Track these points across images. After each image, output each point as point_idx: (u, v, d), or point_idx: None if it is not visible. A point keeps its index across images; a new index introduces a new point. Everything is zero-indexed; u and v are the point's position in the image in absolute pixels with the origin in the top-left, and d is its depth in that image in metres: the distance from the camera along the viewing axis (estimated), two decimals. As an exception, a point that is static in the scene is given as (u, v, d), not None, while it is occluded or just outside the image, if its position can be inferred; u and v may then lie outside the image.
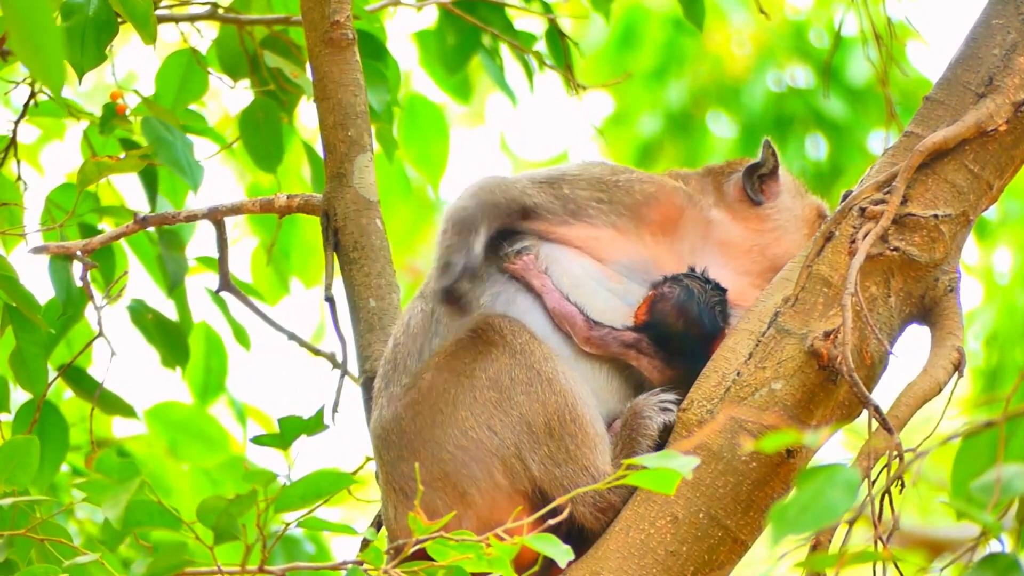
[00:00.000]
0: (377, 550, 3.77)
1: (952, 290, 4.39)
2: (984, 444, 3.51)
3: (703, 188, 4.87)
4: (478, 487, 4.40)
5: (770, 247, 4.82)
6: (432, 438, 4.43)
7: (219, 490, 6.48)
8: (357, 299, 5.01)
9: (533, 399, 4.41)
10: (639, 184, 4.76)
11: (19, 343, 5.05)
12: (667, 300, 4.55)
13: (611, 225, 4.68)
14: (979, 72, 4.40)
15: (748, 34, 11.24)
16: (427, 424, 4.44)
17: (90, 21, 5.13)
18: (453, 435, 4.42)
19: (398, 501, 4.46)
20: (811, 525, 3.22)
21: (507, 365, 4.44)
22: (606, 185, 4.73)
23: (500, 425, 4.41)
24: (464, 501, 4.40)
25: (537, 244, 4.65)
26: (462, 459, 4.40)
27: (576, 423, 4.42)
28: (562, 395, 4.43)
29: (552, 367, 4.44)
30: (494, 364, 4.44)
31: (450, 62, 6.23)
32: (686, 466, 3.60)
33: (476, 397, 4.43)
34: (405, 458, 4.45)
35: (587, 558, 4.35)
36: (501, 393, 4.42)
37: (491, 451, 4.40)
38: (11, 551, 4.25)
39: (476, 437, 4.41)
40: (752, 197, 4.84)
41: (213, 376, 6.46)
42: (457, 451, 4.41)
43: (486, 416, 4.42)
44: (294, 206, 5.13)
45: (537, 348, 4.46)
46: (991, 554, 3.40)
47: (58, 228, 5.28)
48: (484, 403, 4.42)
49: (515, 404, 4.41)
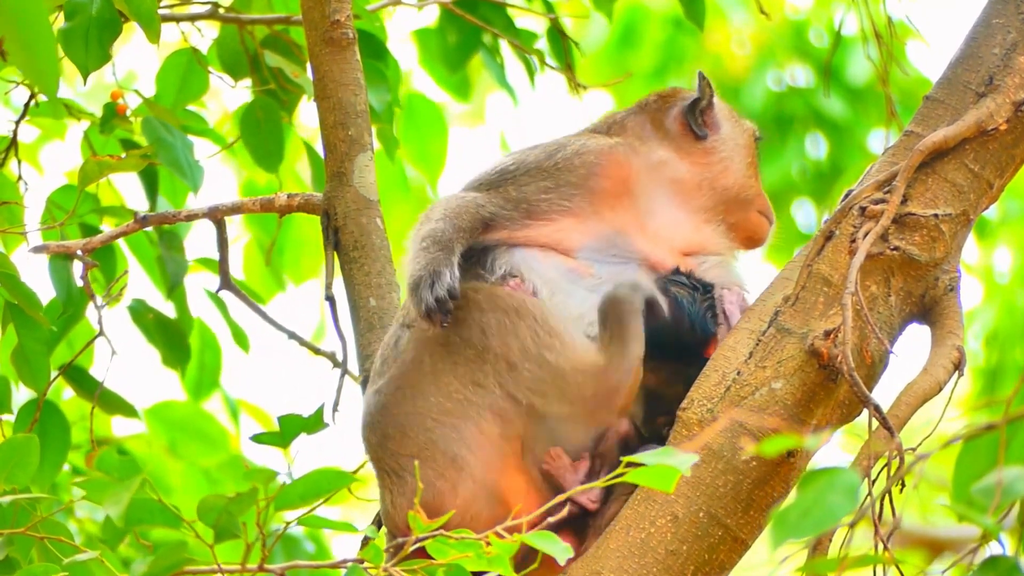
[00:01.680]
0: (377, 548, 3.77)
1: (952, 289, 4.39)
2: (985, 446, 3.50)
3: (641, 128, 4.85)
4: (468, 446, 4.39)
5: (719, 179, 4.82)
6: (415, 410, 4.42)
7: (219, 489, 6.48)
8: (357, 298, 5.01)
9: (506, 334, 4.41)
10: (578, 158, 4.72)
11: (21, 341, 5.05)
12: (657, 314, 4.53)
13: (567, 212, 4.65)
14: (979, 71, 4.40)
15: (748, 33, 11.24)
16: (408, 398, 4.44)
17: (94, 21, 5.13)
18: (437, 402, 4.41)
19: (392, 484, 4.45)
20: (812, 530, 3.21)
21: (478, 319, 4.43)
22: (547, 171, 4.70)
23: (483, 376, 4.41)
24: (455, 465, 4.40)
25: (506, 254, 4.63)
26: (449, 423, 4.40)
27: (551, 333, 4.41)
28: (530, 315, 4.43)
29: (519, 299, 4.45)
30: (466, 325, 4.44)
31: (451, 61, 6.23)
32: (685, 463, 3.60)
33: (456, 361, 4.42)
34: (391, 435, 4.45)
35: (587, 557, 4.35)
36: (477, 348, 4.43)
37: (479, 405, 4.39)
38: (11, 549, 4.25)
39: (462, 397, 4.40)
40: (697, 132, 4.83)
41: (207, 373, 6.46)
42: (442, 416, 4.41)
43: (469, 374, 4.41)
44: (294, 205, 5.13)
45: (502, 291, 4.47)
46: (992, 556, 3.40)
47: (58, 227, 5.28)
48: (465, 363, 4.42)
49: (491, 349, 4.41)
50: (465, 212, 4.62)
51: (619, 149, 4.75)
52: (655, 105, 4.90)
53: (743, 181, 4.82)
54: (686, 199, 4.77)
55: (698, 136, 4.82)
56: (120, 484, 3.80)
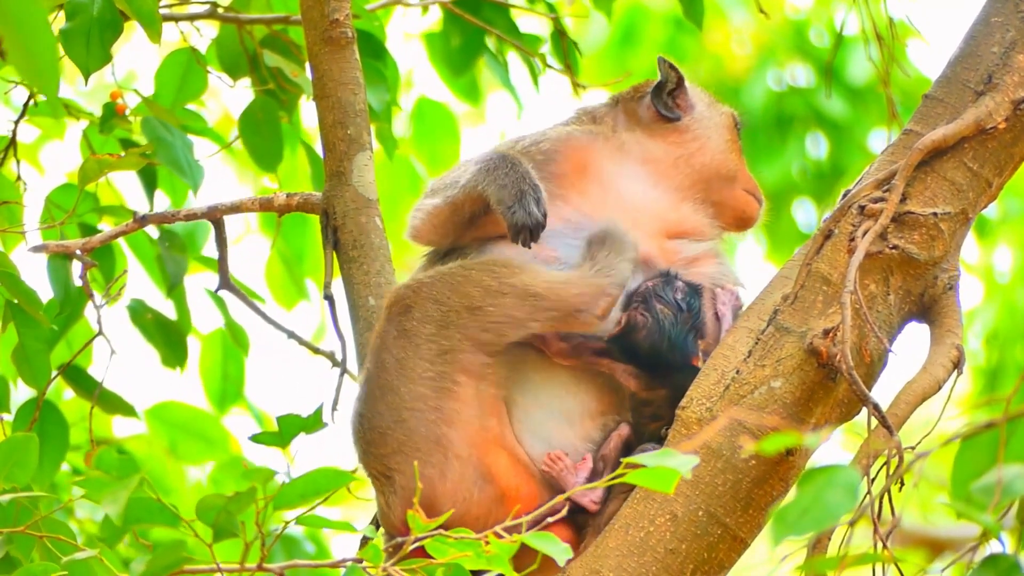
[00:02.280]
0: (376, 548, 3.77)
1: (951, 288, 4.38)
2: (984, 445, 3.50)
3: (614, 119, 4.87)
4: (448, 420, 4.39)
5: (695, 156, 4.82)
6: (388, 408, 4.42)
7: (219, 490, 6.48)
8: (356, 297, 5.00)
9: (461, 286, 4.43)
10: (535, 146, 4.72)
11: (21, 339, 5.05)
12: (639, 331, 4.51)
13: None
14: (978, 70, 4.39)
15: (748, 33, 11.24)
16: (379, 399, 4.44)
17: (95, 21, 5.13)
18: (408, 391, 4.41)
19: (383, 486, 4.46)
20: (811, 528, 3.21)
21: (429, 295, 4.44)
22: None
23: (448, 340, 4.41)
24: (440, 447, 4.40)
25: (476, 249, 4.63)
26: (426, 406, 4.40)
27: (512, 268, 4.42)
28: (480, 264, 4.45)
29: (463, 260, 4.48)
30: (419, 307, 4.45)
31: (455, 64, 6.23)
32: (685, 465, 3.59)
33: (418, 343, 4.43)
34: (371, 440, 4.45)
35: (586, 556, 4.35)
36: (435, 318, 4.43)
37: (451, 373, 4.40)
38: (11, 548, 4.25)
39: (433, 374, 4.40)
40: (667, 114, 4.83)
41: (231, 384, 6.46)
42: (416, 403, 4.40)
43: (435, 347, 4.41)
44: (293, 205, 5.13)
45: (445, 266, 4.48)
46: (992, 555, 3.39)
47: (58, 227, 5.28)
48: (427, 340, 4.42)
49: (451, 307, 4.42)
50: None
51: (577, 134, 4.77)
52: (628, 95, 4.93)
53: (722, 157, 4.82)
54: (661, 178, 4.77)
55: (669, 119, 4.82)
56: (119, 483, 3.80)
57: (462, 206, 4.64)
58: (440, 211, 4.68)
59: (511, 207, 4.46)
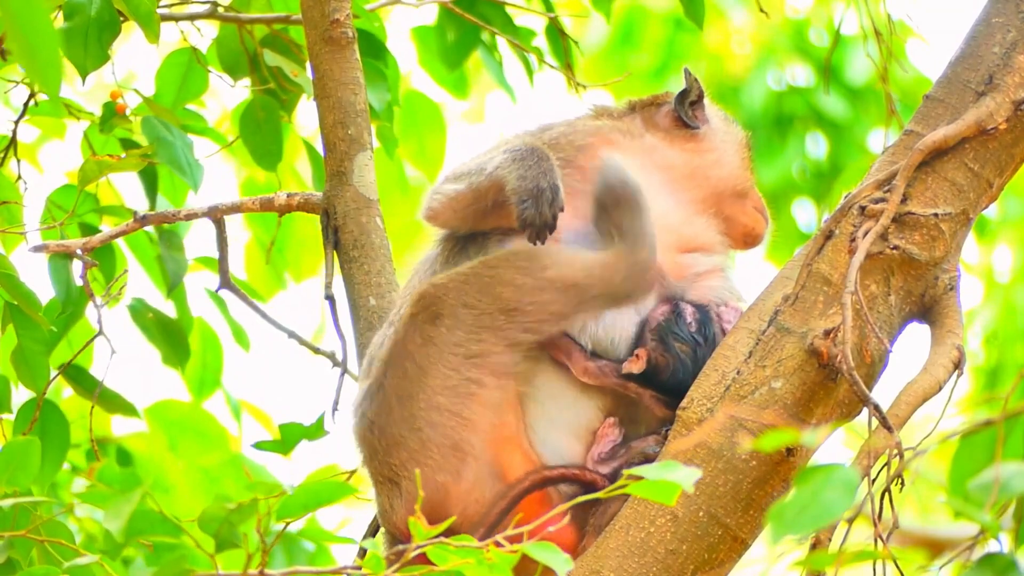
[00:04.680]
0: (377, 557, 3.75)
1: (952, 288, 4.39)
2: (982, 443, 3.50)
3: (631, 123, 4.82)
4: (471, 426, 4.37)
5: (711, 169, 4.79)
6: (403, 417, 4.38)
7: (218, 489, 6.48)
8: (357, 297, 5.01)
9: (491, 288, 4.37)
10: (565, 138, 4.66)
11: (20, 341, 5.05)
12: (661, 372, 4.49)
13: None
14: (979, 70, 4.39)
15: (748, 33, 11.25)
16: (395, 407, 4.40)
17: (93, 21, 5.13)
18: (427, 399, 4.36)
19: (388, 491, 4.44)
20: (810, 525, 3.21)
21: (456, 300, 4.39)
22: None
23: (479, 344, 4.36)
24: (458, 452, 4.38)
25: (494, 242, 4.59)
26: (446, 414, 4.36)
27: (541, 260, 4.37)
28: (505, 261, 4.40)
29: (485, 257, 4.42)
30: (448, 314, 4.39)
31: (450, 59, 6.22)
32: (688, 478, 3.56)
33: (442, 350, 4.38)
34: (381, 447, 4.41)
35: (587, 556, 4.35)
36: (466, 328, 4.38)
37: (478, 377, 4.35)
38: (12, 551, 4.25)
39: (456, 381, 4.35)
40: (688, 123, 4.80)
41: (209, 372, 6.45)
42: (433, 413, 4.35)
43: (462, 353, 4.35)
44: (294, 204, 5.13)
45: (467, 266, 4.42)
46: (989, 554, 3.39)
47: (58, 227, 5.28)
48: (452, 348, 4.36)
49: (484, 313, 4.36)
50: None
51: (606, 129, 4.73)
52: (647, 102, 4.90)
53: (737, 173, 4.80)
54: (677, 188, 4.74)
55: (689, 127, 4.80)
56: (121, 496, 3.79)
57: (486, 194, 4.54)
58: (463, 196, 4.57)
59: (525, 201, 4.40)
